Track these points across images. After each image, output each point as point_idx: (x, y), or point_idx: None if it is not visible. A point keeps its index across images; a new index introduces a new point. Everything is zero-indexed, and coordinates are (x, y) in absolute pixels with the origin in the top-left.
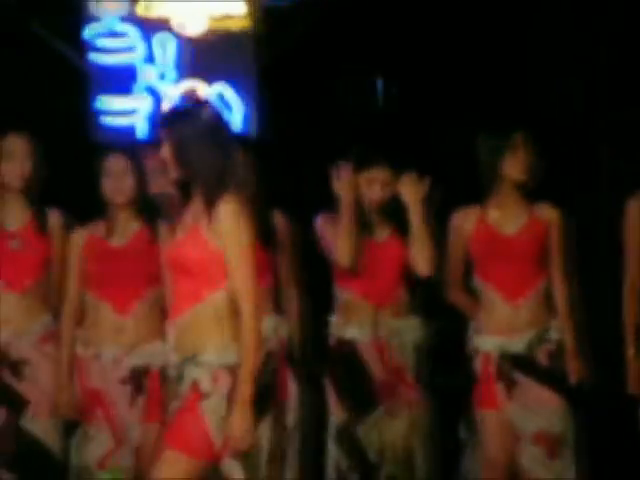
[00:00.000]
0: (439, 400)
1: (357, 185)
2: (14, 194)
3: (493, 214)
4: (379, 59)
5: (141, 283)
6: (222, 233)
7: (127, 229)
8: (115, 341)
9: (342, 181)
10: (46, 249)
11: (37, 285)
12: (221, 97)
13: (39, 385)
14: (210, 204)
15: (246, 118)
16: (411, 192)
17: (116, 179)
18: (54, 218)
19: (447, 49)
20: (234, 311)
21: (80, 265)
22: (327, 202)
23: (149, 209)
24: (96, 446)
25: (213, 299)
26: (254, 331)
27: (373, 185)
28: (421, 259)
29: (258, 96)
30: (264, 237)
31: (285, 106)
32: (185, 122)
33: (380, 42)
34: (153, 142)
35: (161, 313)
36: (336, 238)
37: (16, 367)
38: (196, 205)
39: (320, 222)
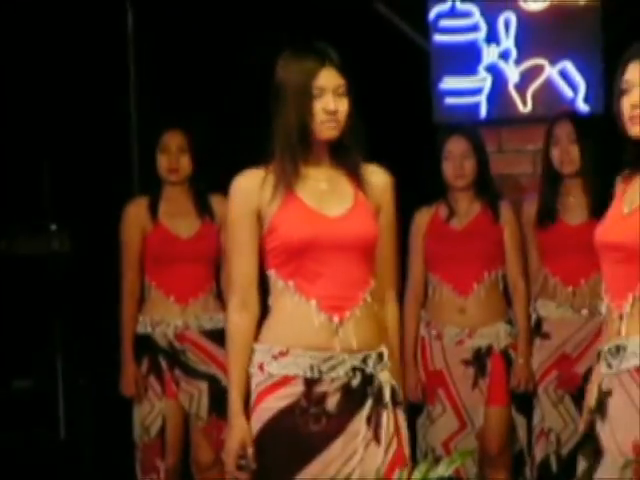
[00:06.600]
0: None
1: None
2: None
3: None
4: None
5: (481, 265)
6: None
7: (468, 211)
8: (457, 322)
9: None
10: None
11: None
12: (564, 75)
13: None
14: None
15: (591, 97)
16: None
17: (456, 163)
18: None
19: None
20: None
21: (422, 245)
22: None
23: (491, 191)
24: (440, 428)
25: None
26: None
27: None
28: None
29: (603, 74)
30: None
31: None
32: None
33: None
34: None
35: (501, 295)
36: None
37: None
38: None
39: None
